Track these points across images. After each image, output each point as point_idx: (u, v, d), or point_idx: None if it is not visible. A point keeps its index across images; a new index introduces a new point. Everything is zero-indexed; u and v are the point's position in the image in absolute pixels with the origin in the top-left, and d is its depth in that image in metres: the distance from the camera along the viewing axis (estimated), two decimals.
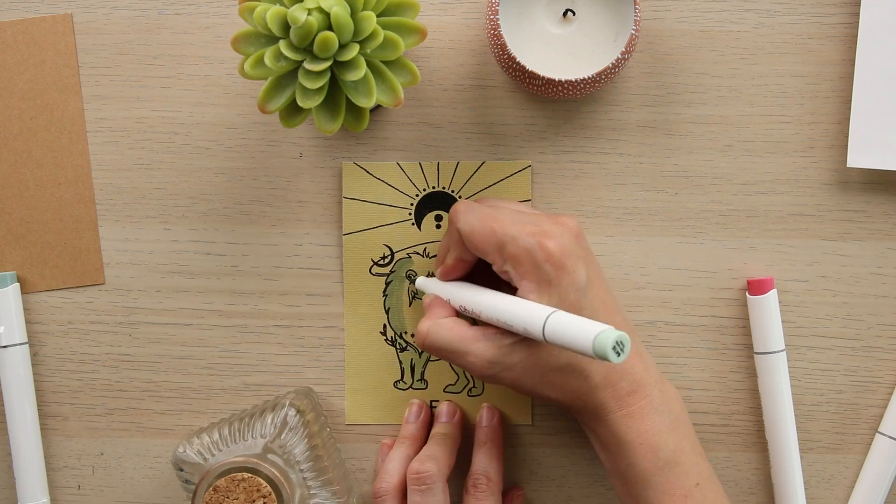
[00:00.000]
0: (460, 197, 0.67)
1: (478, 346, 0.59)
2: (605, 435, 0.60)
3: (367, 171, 0.68)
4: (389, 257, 0.68)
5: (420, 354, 0.68)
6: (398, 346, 0.68)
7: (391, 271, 0.68)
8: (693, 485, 0.60)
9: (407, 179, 0.68)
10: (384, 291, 0.68)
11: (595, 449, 0.63)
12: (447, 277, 0.64)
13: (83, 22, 0.68)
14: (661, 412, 0.60)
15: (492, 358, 0.58)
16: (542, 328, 0.55)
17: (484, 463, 0.65)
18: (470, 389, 0.68)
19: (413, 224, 0.68)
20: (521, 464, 0.69)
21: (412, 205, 0.68)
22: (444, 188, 0.68)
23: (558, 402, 0.61)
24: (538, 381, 0.59)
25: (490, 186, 0.67)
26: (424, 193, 0.68)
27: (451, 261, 0.63)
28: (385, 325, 0.68)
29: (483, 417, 0.67)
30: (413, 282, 0.68)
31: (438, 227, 0.68)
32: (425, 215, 0.68)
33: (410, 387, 0.68)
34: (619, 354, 0.51)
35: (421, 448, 0.66)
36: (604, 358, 0.51)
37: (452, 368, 0.68)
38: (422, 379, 0.68)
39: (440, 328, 0.60)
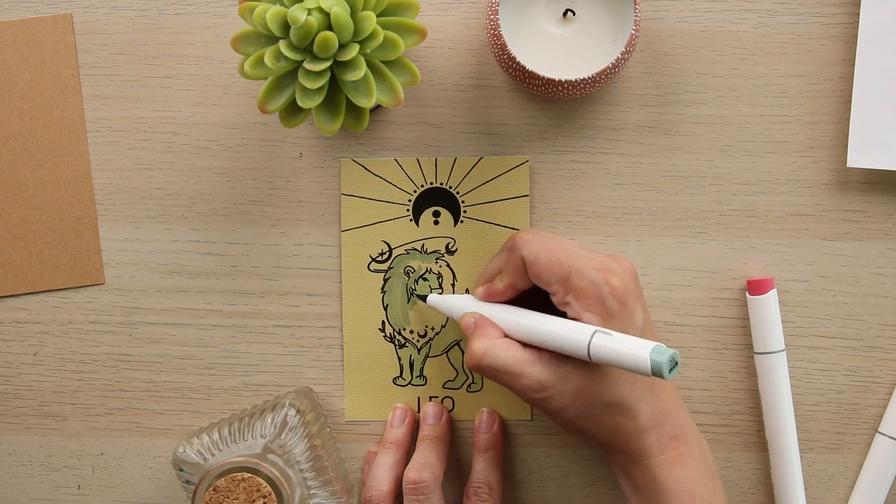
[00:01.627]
0: (458, 193, 0.67)
1: (533, 369, 0.59)
2: (643, 480, 0.60)
3: (366, 168, 0.68)
4: (388, 253, 0.68)
5: (419, 351, 0.68)
6: (397, 343, 0.68)
7: (389, 267, 0.68)
8: None
9: (405, 176, 0.68)
10: (382, 288, 0.68)
11: (626, 493, 0.62)
12: (491, 300, 0.63)
13: (83, 22, 0.68)
14: (699, 462, 0.60)
15: (546, 381, 0.58)
16: (588, 342, 0.56)
17: (486, 471, 0.65)
18: (469, 385, 0.68)
19: (411, 220, 0.68)
20: (521, 464, 0.69)
21: (410, 201, 0.68)
22: (441, 184, 0.68)
23: (597, 438, 0.60)
24: (584, 414, 0.59)
25: (488, 182, 0.67)
26: (422, 189, 0.68)
27: (502, 286, 0.63)
28: (384, 322, 0.68)
29: (483, 423, 0.67)
30: (423, 298, 0.68)
31: (437, 223, 0.68)
32: (423, 211, 0.68)
33: (409, 383, 0.68)
34: (670, 371, 0.53)
35: (407, 453, 0.66)
36: (658, 371, 0.52)
37: (450, 363, 0.68)
38: (420, 375, 0.68)
39: (497, 349, 0.59)
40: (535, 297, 0.62)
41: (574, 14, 0.64)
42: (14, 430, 0.70)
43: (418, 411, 0.68)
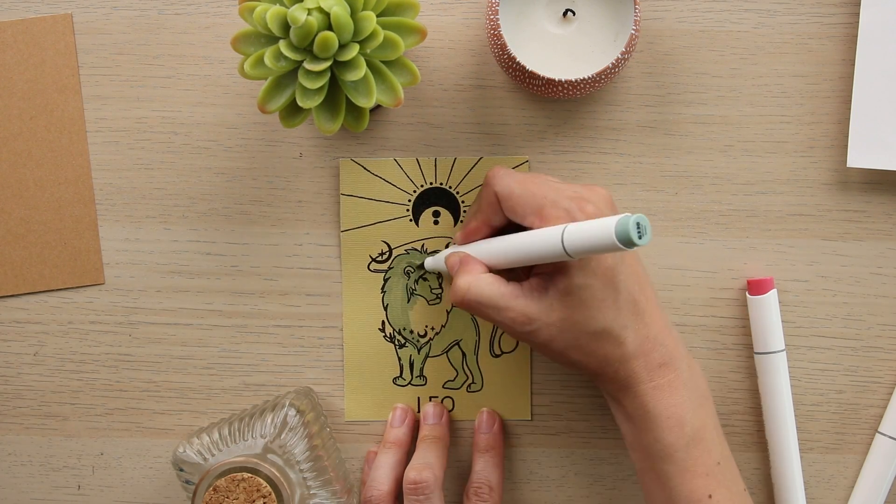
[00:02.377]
0: (458, 193, 0.67)
1: (518, 302, 0.59)
2: (633, 406, 0.60)
3: (365, 168, 0.68)
4: (387, 253, 0.68)
5: (419, 351, 0.68)
6: (397, 343, 0.68)
7: (389, 267, 0.68)
8: (714, 463, 0.60)
9: (404, 176, 0.68)
10: (382, 288, 0.68)
11: (617, 420, 0.62)
12: (467, 240, 0.64)
13: (83, 22, 0.68)
14: (689, 388, 0.60)
15: (531, 314, 0.58)
16: (562, 235, 0.55)
17: (486, 471, 0.65)
18: (469, 385, 0.68)
19: (411, 220, 0.68)
20: (521, 463, 0.69)
21: (409, 201, 0.68)
22: (441, 184, 0.68)
23: (587, 368, 0.60)
24: (572, 344, 0.59)
25: None
26: (422, 189, 0.68)
27: (476, 223, 0.63)
28: (383, 322, 0.68)
29: (483, 423, 0.67)
30: (416, 270, 0.67)
31: (436, 223, 0.68)
32: (423, 212, 0.68)
33: (409, 383, 0.68)
34: (640, 237, 0.51)
35: (408, 453, 0.66)
36: (627, 241, 0.51)
37: (450, 363, 0.68)
38: (420, 375, 0.68)
39: (481, 283, 0.59)
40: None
41: (574, 14, 0.64)
42: (14, 430, 0.70)
43: (418, 411, 0.68)
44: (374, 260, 0.68)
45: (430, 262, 0.67)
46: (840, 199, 0.67)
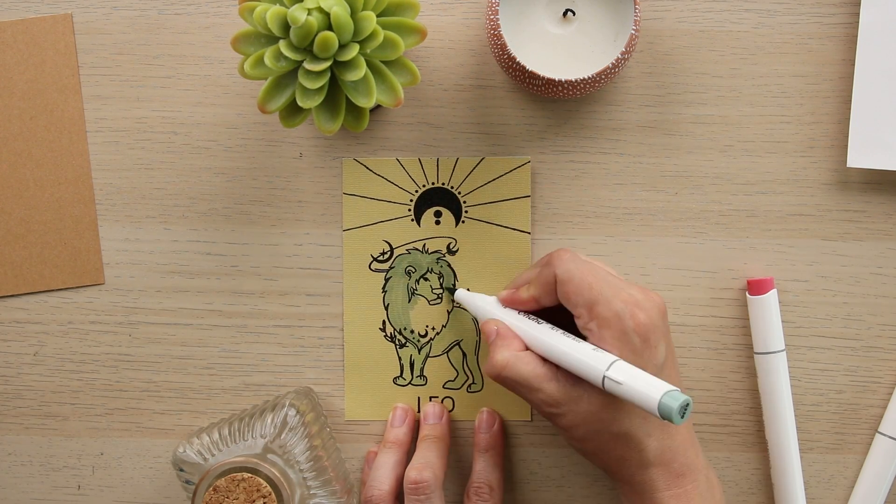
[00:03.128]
0: (459, 193, 0.67)
1: (550, 385, 0.59)
2: None
3: (367, 168, 0.68)
4: (389, 253, 0.68)
5: (419, 351, 0.68)
6: (397, 343, 0.68)
7: (390, 267, 0.68)
8: None
9: (406, 175, 0.68)
10: (383, 287, 0.68)
11: None
12: (513, 306, 0.64)
13: (83, 22, 0.68)
14: (706, 499, 0.60)
15: (560, 399, 0.59)
16: (604, 373, 0.56)
17: (486, 471, 0.65)
18: (469, 385, 0.68)
19: (413, 220, 0.68)
20: (521, 463, 0.69)
21: (412, 201, 0.68)
22: (443, 184, 0.68)
23: (605, 465, 0.61)
24: (592, 438, 0.59)
25: (490, 182, 0.67)
26: (424, 189, 0.68)
27: (527, 296, 0.63)
28: (384, 322, 0.68)
29: (483, 423, 0.67)
30: (451, 291, 0.67)
31: (438, 223, 0.68)
32: (424, 211, 0.68)
33: (410, 383, 0.68)
34: (682, 416, 0.53)
35: (408, 452, 0.66)
36: (666, 416, 0.53)
37: (451, 363, 0.68)
38: (421, 375, 0.68)
39: (519, 362, 0.60)
40: (560, 316, 0.62)
41: (574, 14, 0.64)
42: (14, 430, 0.70)
43: (418, 411, 0.68)
44: (375, 259, 0.68)
45: (462, 296, 0.66)
46: (840, 199, 0.67)
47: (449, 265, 0.68)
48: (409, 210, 0.68)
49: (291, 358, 0.69)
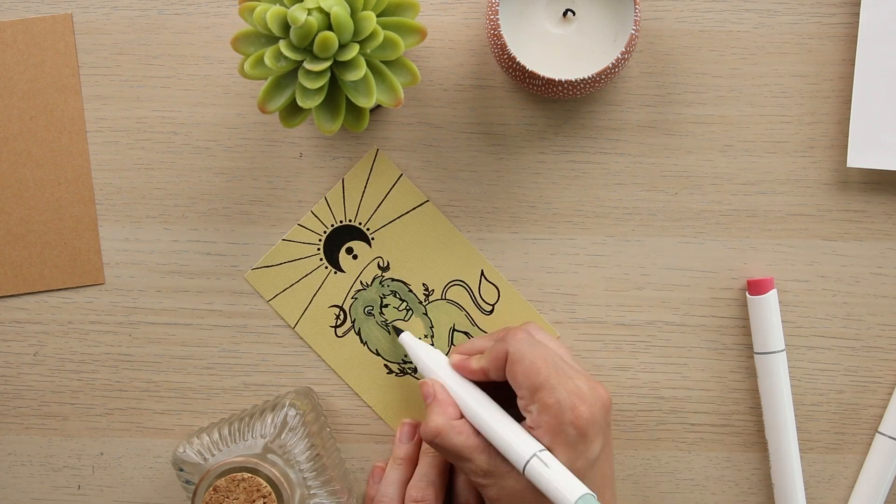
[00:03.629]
0: (360, 224, 0.67)
1: (481, 457, 0.60)
2: None
3: (265, 266, 0.68)
4: (342, 314, 0.68)
5: None
6: (409, 372, 0.68)
7: (353, 321, 0.68)
8: None
9: (299, 244, 0.67)
10: (361, 341, 0.68)
11: None
12: (461, 371, 0.63)
13: (83, 22, 0.68)
14: None
15: (489, 471, 0.59)
16: (527, 461, 0.57)
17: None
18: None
19: (335, 273, 0.68)
20: None
21: (322, 259, 0.67)
22: (341, 222, 0.67)
23: None
24: None
25: (381, 205, 0.67)
26: (325, 236, 0.67)
27: (476, 367, 0.63)
28: (386, 365, 0.68)
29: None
30: (398, 333, 0.67)
31: (355, 257, 0.67)
32: (337, 256, 0.68)
33: None
34: None
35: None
36: None
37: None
38: None
39: (452, 432, 0.60)
40: (504, 387, 0.62)
41: (574, 14, 0.64)
42: (14, 430, 0.70)
43: None
44: (335, 328, 0.68)
45: (407, 342, 0.66)
46: (840, 199, 0.67)
47: (392, 279, 0.68)
48: (327, 267, 0.67)
49: (291, 358, 0.69)
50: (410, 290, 0.68)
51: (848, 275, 0.67)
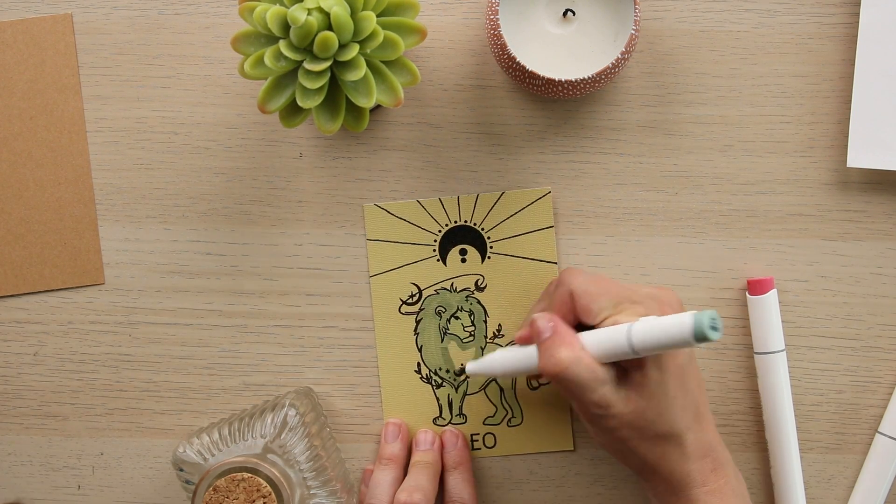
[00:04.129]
0: (483, 229, 0.67)
1: (604, 388, 0.58)
2: None
3: (389, 212, 0.67)
4: (417, 295, 0.68)
5: (456, 390, 0.68)
6: (434, 384, 0.68)
7: (420, 309, 0.68)
8: None
9: (428, 216, 0.67)
10: (415, 330, 0.68)
11: None
12: (529, 343, 0.62)
13: (83, 22, 0.68)
14: (738, 495, 0.61)
15: (610, 400, 0.58)
16: (630, 328, 0.56)
17: (459, 487, 0.66)
18: (509, 420, 0.68)
19: (438, 260, 0.68)
20: (521, 463, 0.69)
21: (436, 241, 0.68)
22: (465, 222, 0.68)
23: (644, 462, 0.60)
24: (635, 437, 0.59)
25: (512, 216, 0.67)
26: (447, 228, 0.68)
27: (546, 324, 0.60)
28: (419, 363, 0.68)
29: (448, 442, 0.67)
30: (462, 373, 0.67)
31: (464, 261, 0.67)
32: (449, 250, 0.68)
33: (450, 422, 0.68)
34: (716, 330, 0.53)
35: (404, 468, 0.66)
36: (700, 333, 0.53)
37: (489, 399, 0.68)
38: (460, 413, 0.68)
39: (581, 364, 0.58)
40: None
41: (574, 14, 0.64)
42: (14, 430, 0.70)
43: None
44: (404, 303, 0.68)
45: (474, 367, 0.65)
46: (840, 199, 0.67)
47: (478, 301, 0.68)
48: (434, 251, 0.68)
49: (291, 358, 0.69)
50: (485, 321, 0.68)
51: (848, 275, 0.67)
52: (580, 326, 0.61)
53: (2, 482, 0.70)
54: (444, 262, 0.68)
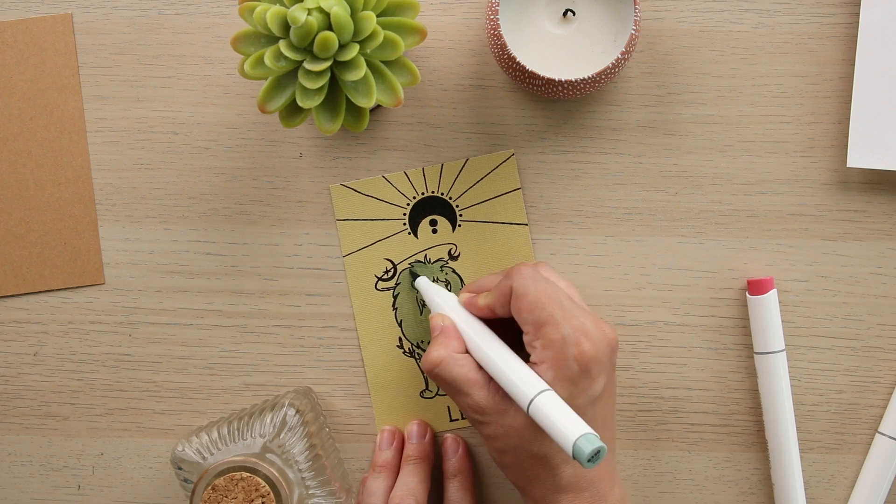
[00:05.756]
0: (451, 198, 0.67)
1: (480, 393, 0.59)
2: None
3: (355, 190, 0.67)
4: (392, 270, 0.68)
5: None
6: (417, 357, 0.68)
7: (397, 283, 0.68)
8: None
9: (395, 190, 0.67)
10: (393, 305, 0.68)
11: None
12: (469, 309, 0.63)
13: (83, 22, 0.68)
14: None
15: (487, 408, 0.58)
16: (531, 399, 0.56)
17: (458, 496, 0.66)
18: None
19: (409, 233, 0.68)
20: None
21: (405, 215, 0.68)
22: (433, 192, 0.68)
23: (518, 482, 0.60)
24: (511, 453, 0.59)
25: (478, 182, 0.67)
26: (415, 201, 0.68)
27: (483, 304, 0.62)
28: (400, 338, 0.68)
29: (448, 448, 0.67)
30: (414, 277, 0.67)
31: (435, 231, 0.68)
32: (420, 222, 0.68)
33: (437, 394, 0.68)
34: (591, 462, 0.52)
35: (397, 474, 0.66)
36: (577, 458, 0.52)
37: None
38: None
39: (454, 363, 0.59)
40: (513, 326, 0.62)
41: (574, 14, 0.64)
42: (14, 430, 0.70)
43: (451, 420, 0.68)
44: (380, 279, 0.68)
45: (422, 285, 0.66)
46: (840, 199, 0.67)
47: (454, 270, 0.68)
48: (405, 224, 0.68)
49: (291, 358, 0.69)
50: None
51: (848, 275, 0.67)
52: None
53: (2, 482, 0.70)
54: (416, 235, 0.68)
